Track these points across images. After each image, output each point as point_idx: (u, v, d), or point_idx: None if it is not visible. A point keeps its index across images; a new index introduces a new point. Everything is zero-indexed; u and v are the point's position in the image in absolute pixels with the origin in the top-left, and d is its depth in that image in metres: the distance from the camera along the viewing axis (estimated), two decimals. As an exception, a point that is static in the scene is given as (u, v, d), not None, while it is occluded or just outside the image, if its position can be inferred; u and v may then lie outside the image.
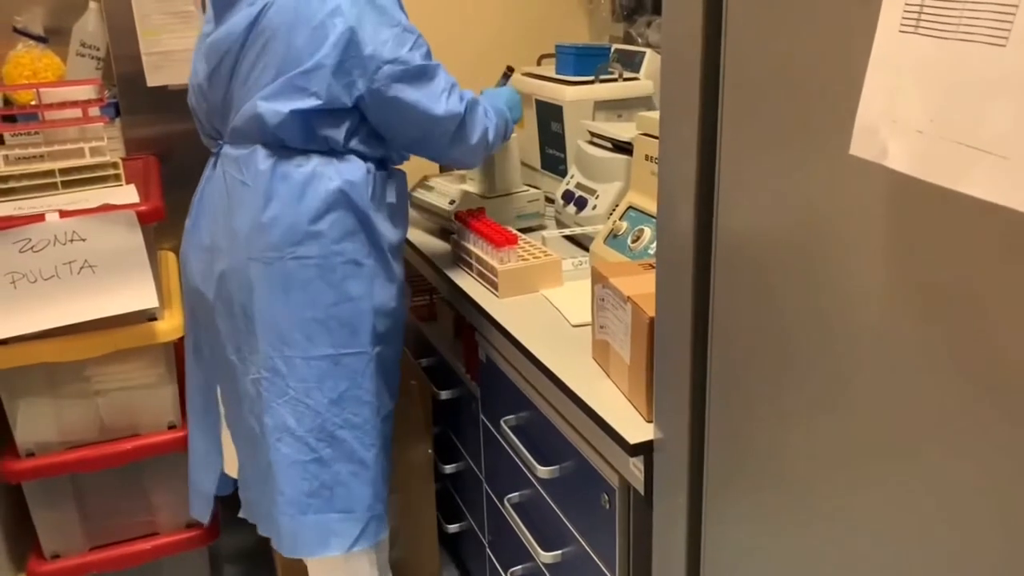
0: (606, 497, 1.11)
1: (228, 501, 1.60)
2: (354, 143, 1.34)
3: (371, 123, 1.34)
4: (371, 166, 1.36)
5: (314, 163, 1.32)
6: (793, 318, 0.71)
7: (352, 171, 1.33)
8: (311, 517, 1.37)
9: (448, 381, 1.72)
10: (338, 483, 1.38)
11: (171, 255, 1.93)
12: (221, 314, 1.39)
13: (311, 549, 1.39)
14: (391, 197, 1.40)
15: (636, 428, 1.03)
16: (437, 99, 1.34)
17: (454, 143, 1.41)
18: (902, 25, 0.50)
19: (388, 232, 1.39)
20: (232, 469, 1.52)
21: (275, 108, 1.27)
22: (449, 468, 1.78)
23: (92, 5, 1.85)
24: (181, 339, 1.63)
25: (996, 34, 0.45)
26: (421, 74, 1.32)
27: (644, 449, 1.00)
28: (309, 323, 1.33)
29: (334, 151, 1.33)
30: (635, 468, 1.01)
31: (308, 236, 1.31)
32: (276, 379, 1.34)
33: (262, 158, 1.31)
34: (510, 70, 1.86)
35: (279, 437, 1.35)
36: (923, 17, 0.49)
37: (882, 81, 0.52)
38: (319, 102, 1.27)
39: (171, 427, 1.68)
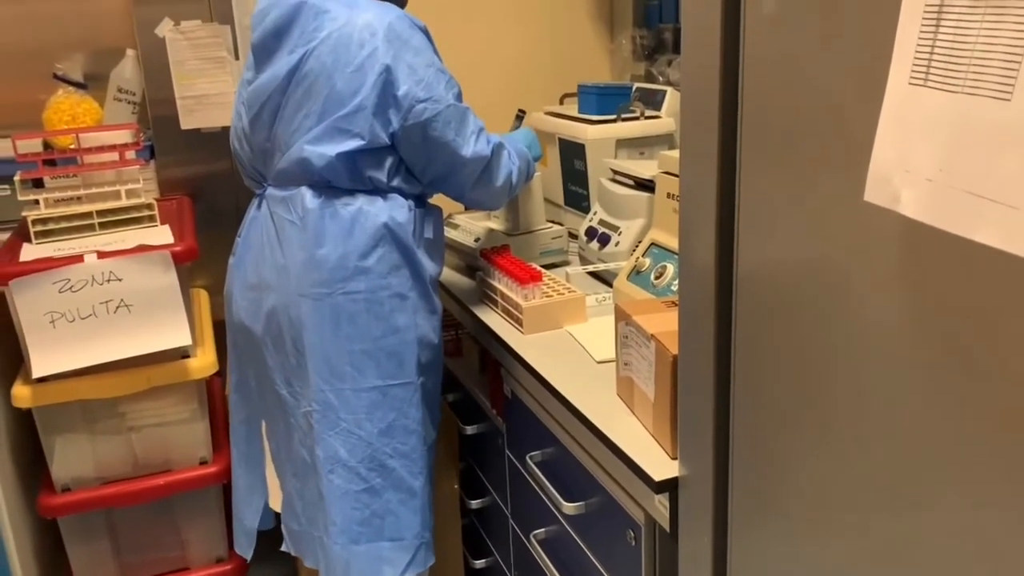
0: (632, 534, 1.12)
1: (260, 535, 1.61)
2: (396, 181, 1.38)
3: (404, 159, 1.38)
4: (411, 203, 1.40)
5: (360, 201, 1.36)
6: (815, 355, 0.72)
7: (396, 208, 1.37)
8: (363, 546, 1.39)
9: (474, 416, 1.73)
10: (388, 511, 1.40)
11: (204, 293, 1.97)
12: (270, 349, 1.42)
13: None
14: (428, 233, 1.44)
15: (661, 465, 1.04)
16: (466, 141, 1.38)
17: (478, 185, 1.45)
18: (911, 78, 0.52)
19: (429, 266, 1.43)
20: (276, 503, 1.54)
21: (321, 152, 1.31)
22: (475, 503, 1.78)
23: (129, 52, 1.91)
24: (213, 376, 1.67)
25: (1001, 88, 0.46)
26: (452, 115, 1.36)
27: (669, 486, 1.00)
28: (358, 355, 1.36)
29: (378, 189, 1.37)
30: (660, 505, 1.02)
31: (357, 272, 1.35)
32: (328, 411, 1.37)
33: (309, 198, 1.35)
34: (522, 112, 1.89)
35: (331, 468, 1.38)
36: (932, 71, 0.51)
37: (893, 131, 0.54)
38: (362, 142, 1.31)
39: (203, 462, 1.70)
